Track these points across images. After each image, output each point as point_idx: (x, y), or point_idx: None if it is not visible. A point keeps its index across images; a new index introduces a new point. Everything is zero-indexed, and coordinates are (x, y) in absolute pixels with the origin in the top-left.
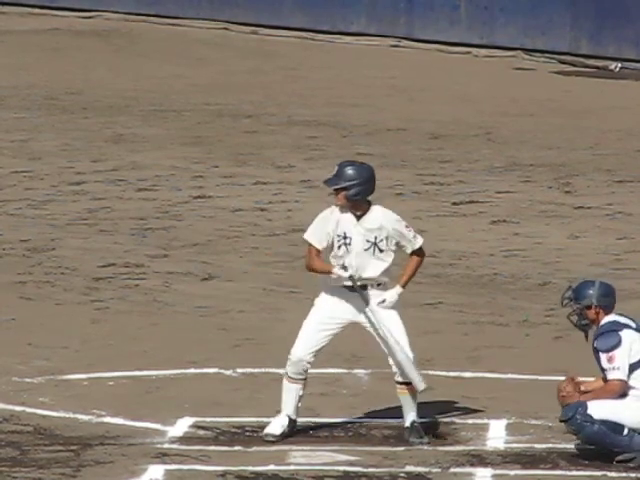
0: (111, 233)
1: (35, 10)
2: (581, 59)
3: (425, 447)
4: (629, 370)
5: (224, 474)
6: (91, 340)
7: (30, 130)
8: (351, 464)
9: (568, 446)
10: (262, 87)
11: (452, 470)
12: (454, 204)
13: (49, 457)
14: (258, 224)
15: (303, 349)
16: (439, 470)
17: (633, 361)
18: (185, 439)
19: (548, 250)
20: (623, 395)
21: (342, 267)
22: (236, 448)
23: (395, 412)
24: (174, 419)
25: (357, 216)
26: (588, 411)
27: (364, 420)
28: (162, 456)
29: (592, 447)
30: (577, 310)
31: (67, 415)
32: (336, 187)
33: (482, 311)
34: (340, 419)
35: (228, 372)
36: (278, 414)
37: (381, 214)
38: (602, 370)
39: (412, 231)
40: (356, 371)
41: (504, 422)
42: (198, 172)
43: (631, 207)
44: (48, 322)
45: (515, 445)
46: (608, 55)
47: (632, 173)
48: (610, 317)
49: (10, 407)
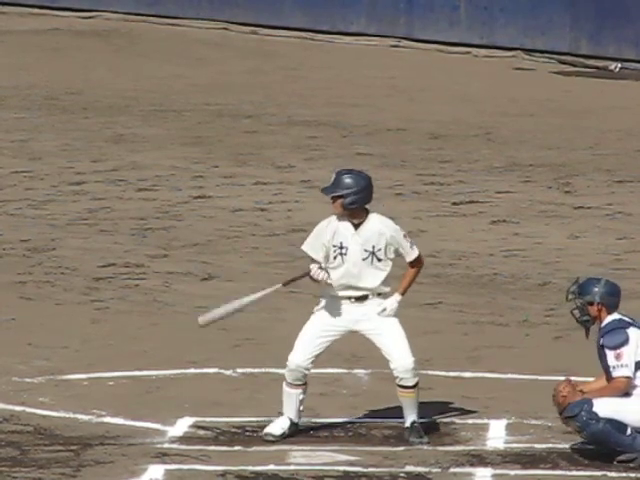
0: (111, 233)
1: (35, 10)
2: (581, 59)
3: (425, 447)
4: (635, 368)
5: (224, 474)
6: (91, 340)
7: (30, 130)
8: (351, 464)
9: (568, 446)
10: (262, 87)
11: (452, 470)
12: (454, 204)
13: (49, 457)
14: (258, 224)
15: (300, 356)
16: (439, 470)
17: (638, 359)
18: (185, 439)
19: (548, 250)
20: (627, 394)
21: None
22: (236, 448)
23: (395, 412)
24: (174, 419)
25: (355, 225)
26: (594, 409)
27: (364, 420)
28: (162, 456)
29: (592, 447)
30: (579, 305)
31: (67, 415)
32: (333, 195)
33: (482, 311)
34: (340, 419)
35: (228, 372)
36: (280, 415)
37: (379, 222)
38: (607, 368)
39: (409, 241)
40: (356, 371)
41: (504, 422)
42: (198, 172)
43: (631, 207)
44: (48, 322)
45: (515, 445)
46: (608, 55)
47: (632, 173)
48: (614, 316)
49: (10, 407)
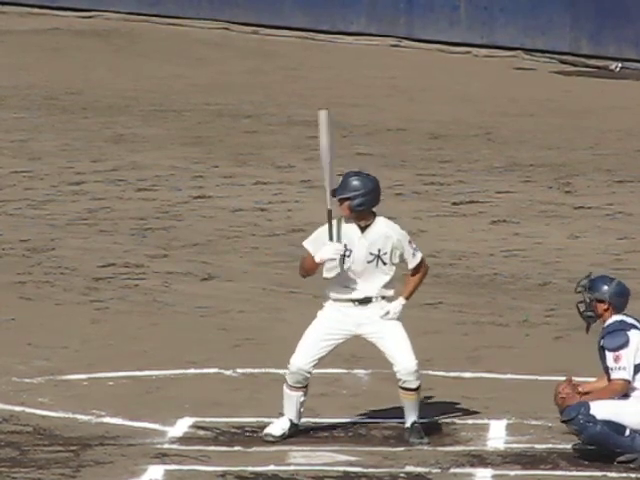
0: (111, 233)
1: (35, 10)
2: (581, 59)
3: (425, 447)
4: (634, 371)
5: (224, 474)
6: (91, 340)
7: (30, 130)
8: (351, 464)
9: (568, 446)
10: (262, 87)
11: (452, 470)
12: (454, 204)
13: (49, 457)
14: (258, 224)
15: (302, 359)
16: (439, 470)
17: (638, 362)
18: (185, 439)
19: (548, 250)
20: (625, 396)
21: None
22: (236, 448)
23: (395, 412)
24: (174, 419)
25: (361, 228)
26: (591, 411)
27: (364, 420)
28: (162, 456)
29: (592, 448)
30: (587, 300)
31: (67, 415)
32: (340, 197)
33: (482, 311)
34: (340, 419)
35: (228, 372)
36: (281, 416)
37: (385, 226)
38: (606, 369)
39: (414, 247)
40: (356, 371)
41: (504, 422)
42: (198, 172)
43: (631, 207)
44: (48, 322)
45: (515, 445)
46: (608, 55)
47: (632, 173)
48: (617, 317)
49: (10, 407)
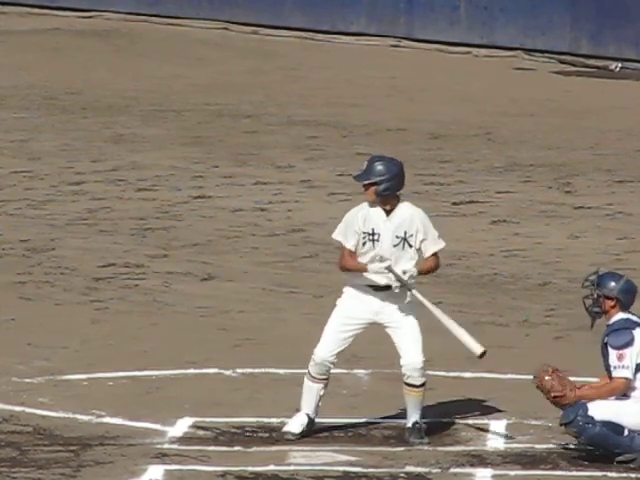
0: (111, 233)
1: (35, 10)
2: (581, 59)
3: (425, 447)
4: (636, 370)
5: (224, 474)
6: (91, 340)
7: (30, 130)
8: (351, 464)
9: (568, 446)
10: (262, 87)
11: (452, 470)
12: (454, 204)
13: (49, 457)
14: (258, 224)
15: (326, 350)
16: (439, 470)
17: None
18: (185, 439)
19: (548, 250)
20: (624, 395)
21: (378, 260)
22: (236, 448)
23: (395, 412)
24: (174, 419)
25: (387, 211)
26: (589, 412)
27: (364, 420)
28: (162, 456)
29: (592, 448)
30: (595, 296)
31: (67, 415)
32: (366, 182)
33: (482, 311)
34: (340, 419)
35: (228, 372)
36: (297, 412)
37: (410, 208)
38: (607, 367)
39: (437, 233)
40: (356, 371)
41: (504, 422)
42: (198, 172)
43: (631, 207)
44: (48, 322)
45: (515, 445)
46: (608, 55)
47: (632, 173)
48: (623, 315)
49: (10, 407)
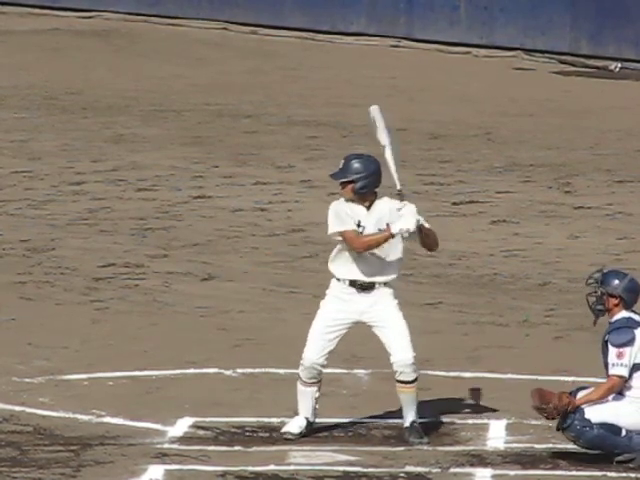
0: (111, 233)
1: (35, 10)
2: (581, 59)
3: (425, 447)
4: (633, 370)
5: (224, 474)
6: (91, 340)
7: (30, 130)
8: (351, 464)
9: (568, 446)
10: (262, 87)
11: (452, 470)
12: (454, 204)
13: (49, 457)
14: (258, 224)
15: (313, 353)
16: (439, 470)
17: (638, 361)
18: (185, 439)
19: (548, 250)
20: (620, 394)
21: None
22: (236, 448)
23: (395, 412)
24: (174, 419)
25: (366, 207)
26: (586, 416)
27: (364, 420)
28: (162, 456)
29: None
30: (599, 293)
31: (67, 415)
32: (343, 181)
33: (482, 311)
34: (340, 419)
35: (228, 372)
36: (296, 415)
37: (389, 201)
38: (606, 364)
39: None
40: (356, 371)
41: (504, 422)
42: (198, 172)
43: (631, 207)
44: (48, 322)
45: (515, 445)
46: (608, 55)
47: (632, 173)
48: (625, 313)
49: (10, 407)
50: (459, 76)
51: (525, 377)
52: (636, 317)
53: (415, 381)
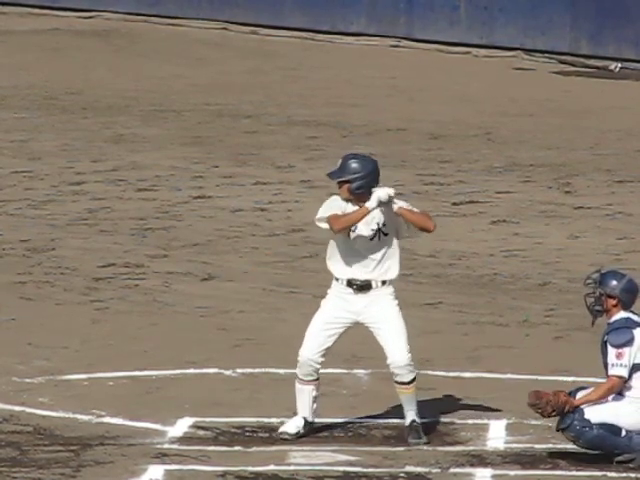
0: (111, 233)
1: (35, 10)
2: (581, 59)
3: (425, 447)
4: (633, 370)
5: (224, 474)
6: (91, 340)
7: (30, 130)
8: (351, 464)
9: (568, 446)
10: (262, 87)
11: (452, 470)
12: (454, 204)
13: (49, 457)
14: (258, 224)
15: (309, 349)
16: (439, 470)
17: (638, 361)
18: (185, 439)
19: (548, 250)
20: (620, 394)
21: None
22: (236, 448)
23: (395, 412)
24: (174, 419)
25: (361, 207)
26: (585, 416)
27: (364, 420)
28: (162, 456)
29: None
30: (597, 294)
31: (67, 415)
32: (340, 180)
33: (482, 311)
34: (340, 419)
35: (228, 372)
36: (294, 415)
37: None
38: (606, 365)
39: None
40: (356, 371)
41: (504, 422)
42: (198, 172)
43: (631, 207)
44: (48, 322)
45: (515, 445)
46: (608, 55)
47: (632, 173)
48: (624, 314)
49: (10, 407)
50: (459, 76)
51: (525, 377)
52: (635, 317)
53: (412, 382)
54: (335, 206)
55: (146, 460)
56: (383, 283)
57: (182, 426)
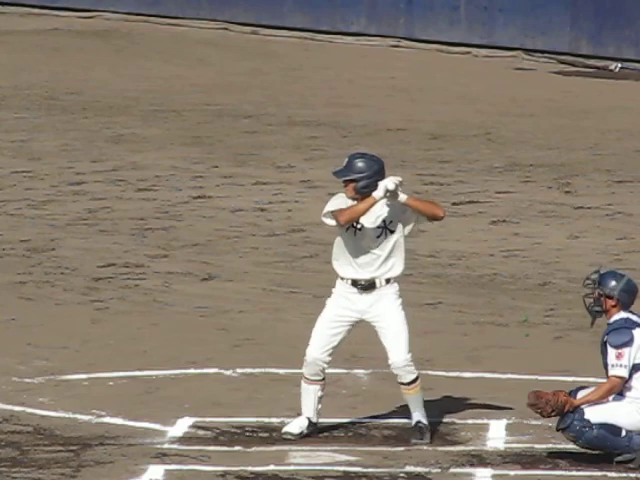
0: (111, 233)
1: (35, 10)
2: (581, 59)
3: (425, 447)
4: (633, 370)
5: (224, 474)
6: (91, 340)
7: (30, 130)
8: (351, 464)
9: (568, 446)
10: (262, 87)
11: (452, 470)
12: (454, 204)
13: (49, 457)
14: (258, 224)
15: (316, 349)
16: (439, 470)
17: (637, 362)
18: (185, 439)
19: (548, 250)
20: (620, 394)
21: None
22: (236, 448)
23: (395, 412)
24: (174, 419)
25: None
26: (585, 416)
27: (364, 420)
28: (162, 456)
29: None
30: (596, 294)
31: (67, 415)
32: (345, 179)
33: (482, 311)
34: (340, 419)
35: (228, 372)
36: (298, 415)
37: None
38: (606, 365)
39: None
40: (356, 371)
41: (504, 422)
42: (198, 172)
43: (631, 207)
44: (48, 322)
45: (515, 445)
46: (608, 55)
47: (632, 173)
48: (623, 314)
49: (10, 407)
50: (459, 76)
51: (525, 377)
52: (634, 317)
53: (414, 382)
54: (341, 203)
55: (146, 460)
56: (387, 281)
57: (182, 426)
